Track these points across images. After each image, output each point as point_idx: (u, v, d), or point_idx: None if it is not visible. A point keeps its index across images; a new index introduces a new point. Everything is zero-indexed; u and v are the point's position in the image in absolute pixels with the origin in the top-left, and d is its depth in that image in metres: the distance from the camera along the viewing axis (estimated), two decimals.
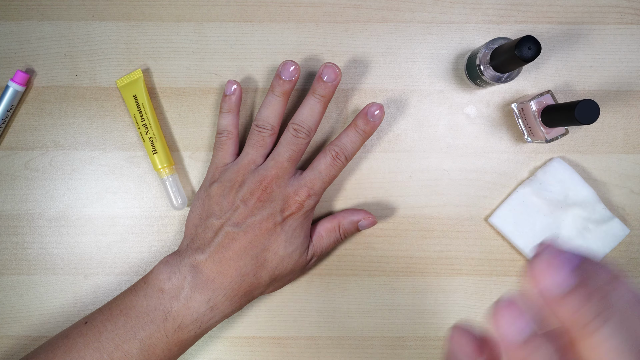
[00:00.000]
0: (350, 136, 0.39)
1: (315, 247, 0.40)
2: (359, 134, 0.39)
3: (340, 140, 0.39)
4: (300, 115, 0.39)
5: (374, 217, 0.41)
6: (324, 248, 0.41)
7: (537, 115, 0.40)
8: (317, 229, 0.41)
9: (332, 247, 0.41)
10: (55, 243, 0.43)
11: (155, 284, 0.37)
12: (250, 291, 0.38)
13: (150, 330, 0.35)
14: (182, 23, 0.43)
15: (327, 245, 0.41)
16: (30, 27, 0.43)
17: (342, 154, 0.39)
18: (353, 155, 0.40)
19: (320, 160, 0.39)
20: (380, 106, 0.39)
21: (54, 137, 0.43)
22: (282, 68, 0.39)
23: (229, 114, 0.41)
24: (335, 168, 0.39)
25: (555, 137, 0.40)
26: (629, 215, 0.44)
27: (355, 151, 0.40)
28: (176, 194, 0.42)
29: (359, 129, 0.39)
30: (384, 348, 0.44)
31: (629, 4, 0.43)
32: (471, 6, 0.44)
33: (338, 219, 0.41)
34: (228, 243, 0.37)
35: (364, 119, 0.39)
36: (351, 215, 0.41)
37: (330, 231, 0.41)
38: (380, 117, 0.39)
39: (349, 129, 0.40)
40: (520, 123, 0.42)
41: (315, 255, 0.41)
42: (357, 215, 0.41)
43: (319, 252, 0.41)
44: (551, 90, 0.41)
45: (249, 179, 0.38)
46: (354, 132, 0.39)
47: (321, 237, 0.41)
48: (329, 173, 0.38)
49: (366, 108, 0.39)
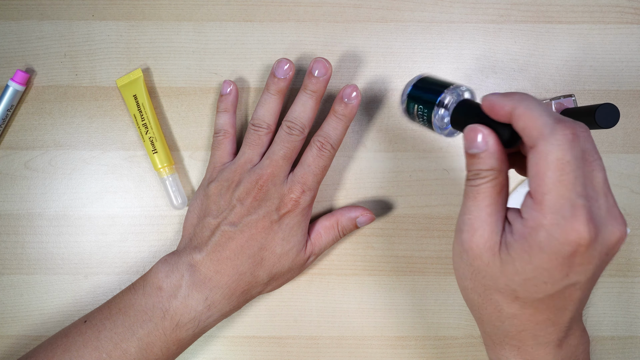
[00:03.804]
0: (332, 123, 0.39)
1: (313, 245, 0.40)
2: (340, 120, 0.39)
3: (323, 129, 0.39)
4: (293, 112, 0.39)
5: (371, 213, 0.41)
6: (323, 246, 0.41)
7: None
8: (316, 227, 0.41)
9: (330, 245, 0.41)
10: (55, 243, 0.43)
11: (154, 282, 0.37)
12: (248, 290, 0.38)
13: (149, 328, 0.35)
14: (182, 23, 0.43)
15: (326, 244, 0.41)
16: (30, 27, 0.43)
17: (327, 143, 0.38)
18: (339, 142, 0.39)
19: (307, 154, 0.39)
20: (355, 87, 0.39)
21: (53, 136, 0.43)
22: (277, 66, 0.39)
23: (226, 114, 0.41)
24: (323, 159, 0.38)
25: None
26: (629, 215, 0.44)
27: (340, 137, 0.39)
28: (176, 193, 0.42)
29: (338, 115, 0.39)
30: (384, 348, 0.44)
31: (629, 3, 0.43)
32: (471, 6, 0.44)
33: (336, 217, 0.41)
34: (225, 242, 0.37)
35: (341, 104, 0.39)
36: (349, 212, 0.41)
37: (328, 229, 0.41)
38: (357, 98, 0.39)
39: (329, 117, 0.39)
40: None
41: (314, 254, 0.41)
42: (354, 212, 0.41)
43: (317, 251, 0.41)
44: (574, 95, 0.41)
45: (245, 178, 0.38)
46: (334, 118, 0.39)
47: (320, 235, 0.41)
48: (318, 164, 0.38)
49: (341, 92, 0.39)
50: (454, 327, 0.44)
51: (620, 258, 0.44)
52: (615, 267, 0.44)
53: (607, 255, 0.26)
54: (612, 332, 0.44)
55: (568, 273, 0.25)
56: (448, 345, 0.44)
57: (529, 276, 0.25)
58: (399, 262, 0.44)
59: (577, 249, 0.24)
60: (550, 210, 0.24)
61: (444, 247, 0.44)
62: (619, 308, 0.44)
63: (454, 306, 0.44)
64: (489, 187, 0.27)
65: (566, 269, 0.25)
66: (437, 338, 0.44)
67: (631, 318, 0.44)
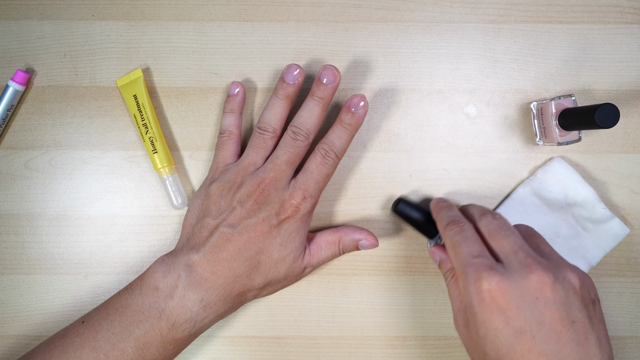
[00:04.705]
0: (337, 132, 0.39)
1: (312, 256, 0.40)
2: (346, 129, 0.39)
3: (328, 137, 0.39)
4: (299, 118, 0.39)
5: (376, 239, 0.41)
6: (321, 259, 0.40)
7: (554, 117, 0.40)
8: (317, 239, 0.41)
9: (328, 260, 0.41)
10: (55, 242, 0.43)
11: (151, 282, 0.37)
12: (243, 293, 0.38)
13: (145, 328, 0.35)
14: (182, 23, 0.43)
15: (324, 257, 0.40)
16: (30, 27, 0.43)
17: (331, 152, 0.38)
18: (343, 151, 0.39)
19: (311, 161, 0.39)
20: (363, 97, 0.39)
21: (54, 136, 0.43)
22: (286, 71, 0.39)
23: (232, 114, 0.41)
24: (326, 167, 0.38)
25: (567, 142, 0.40)
26: (629, 214, 0.44)
27: (345, 146, 0.39)
28: (176, 193, 0.42)
29: (344, 124, 0.39)
30: (384, 348, 0.44)
31: (629, 3, 0.43)
32: (471, 6, 0.44)
33: (340, 234, 0.41)
34: (223, 243, 0.37)
35: (348, 113, 0.39)
36: (353, 233, 0.41)
37: (329, 244, 0.40)
38: (365, 108, 0.39)
39: (335, 125, 0.39)
40: (536, 124, 0.42)
41: (310, 265, 0.40)
42: (359, 234, 0.41)
43: (314, 262, 0.40)
44: (574, 95, 0.41)
45: (247, 180, 0.38)
46: (340, 127, 0.39)
47: (320, 248, 0.40)
48: (321, 172, 0.38)
49: (349, 101, 0.39)
50: (454, 327, 0.44)
51: (620, 258, 0.44)
52: (615, 267, 0.44)
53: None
54: (613, 332, 0.44)
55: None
56: (448, 345, 0.44)
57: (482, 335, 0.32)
58: (399, 262, 0.44)
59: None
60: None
61: None
62: (619, 308, 0.44)
63: None
64: (453, 281, 0.36)
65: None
66: (437, 338, 0.44)
67: (631, 318, 0.44)
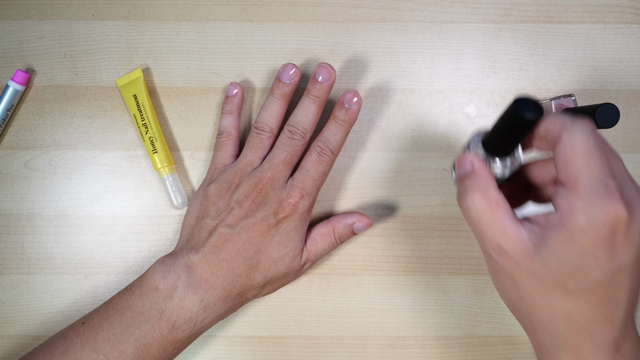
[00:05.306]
0: (332, 129, 0.39)
1: (309, 252, 0.40)
2: (340, 125, 0.39)
3: (323, 135, 0.39)
4: (295, 117, 0.39)
5: (369, 218, 0.41)
6: (319, 253, 0.40)
7: None
8: (312, 234, 0.41)
9: (326, 252, 0.41)
10: (55, 242, 0.43)
11: (151, 283, 0.37)
12: (243, 292, 0.38)
13: (145, 329, 0.35)
14: (182, 22, 0.43)
15: (322, 250, 0.41)
16: (30, 27, 0.43)
17: (326, 149, 0.38)
18: (339, 147, 0.39)
19: (307, 159, 0.39)
20: (356, 92, 0.39)
21: (54, 136, 0.43)
22: (282, 71, 0.39)
23: (230, 115, 0.41)
24: (322, 164, 0.38)
25: None
26: None
27: (341, 143, 0.39)
28: (176, 193, 0.42)
29: (339, 120, 0.39)
30: (384, 348, 0.44)
31: (629, 3, 0.43)
32: (471, 5, 0.44)
33: (332, 224, 0.41)
34: (222, 244, 0.37)
35: (342, 109, 0.39)
36: (345, 218, 0.41)
37: (324, 236, 0.41)
38: (358, 103, 0.39)
39: (330, 122, 0.39)
40: None
41: (309, 261, 0.40)
42: (351, 218, 0.41)
43: (313, 257, 0.40)
44: (574, 95, 0.41)
45: (245, 181, 0.38)
46: (334, 124, 0.39)
47: (315, 242, 0.40)
48: (317, 170, 0.38)
49: (342, 97, 0.39)
50: (454, 327, 0.44)
51: None
52: None
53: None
54: None
55: (612, 255, 0.25)
56: (448, 345, 0.44)
57: (575, 265, 0.26)
58: (399, 262, 0.44)
59: (617, 227, 0.25)
60: (585, 191, 0.25)
61: (444, 247, 0.44)
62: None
63: (453, 306, 0.44)
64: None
65: (609, 250, 0.25)
66: (437, 338, 0.44)
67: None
